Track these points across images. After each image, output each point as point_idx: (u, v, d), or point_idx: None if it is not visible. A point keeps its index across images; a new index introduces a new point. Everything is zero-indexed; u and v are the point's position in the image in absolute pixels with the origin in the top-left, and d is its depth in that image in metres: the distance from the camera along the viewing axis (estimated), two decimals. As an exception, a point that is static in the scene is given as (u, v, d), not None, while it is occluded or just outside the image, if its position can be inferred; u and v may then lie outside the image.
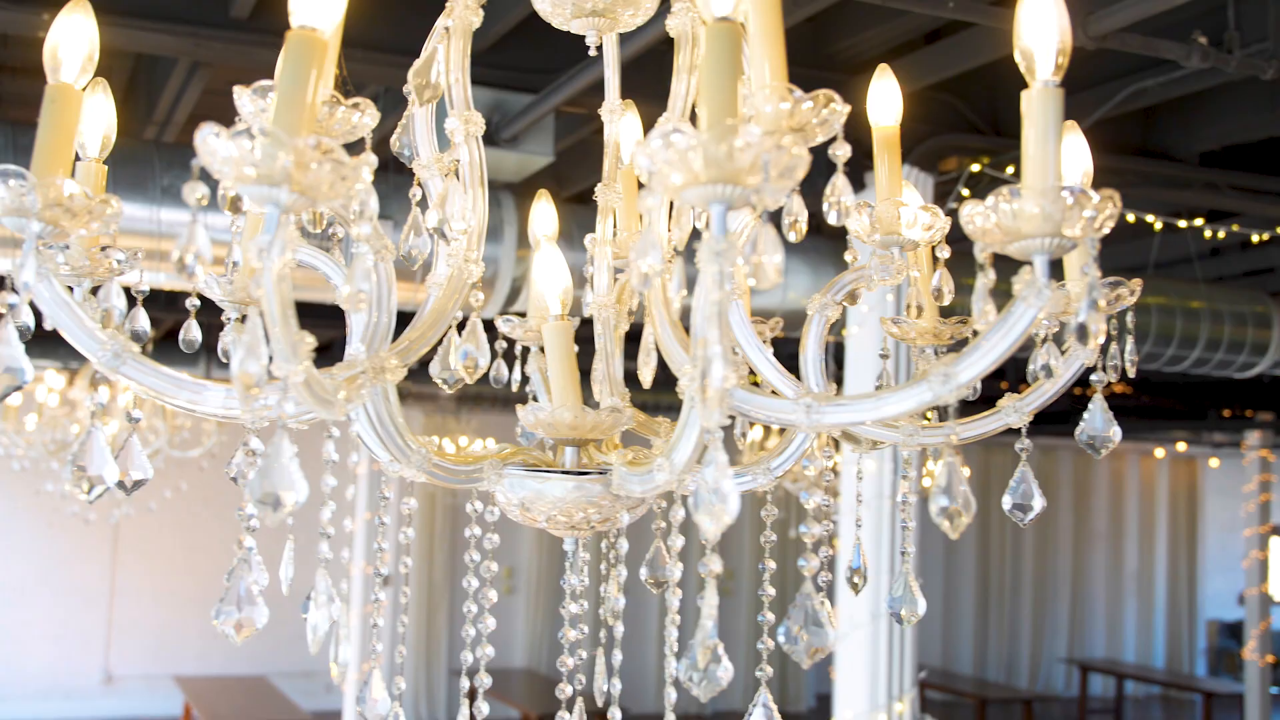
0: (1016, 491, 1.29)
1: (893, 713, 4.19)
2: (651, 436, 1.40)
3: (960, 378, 0.96)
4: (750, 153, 0.77)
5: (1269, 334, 5.46)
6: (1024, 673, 16.12)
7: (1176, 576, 17.10)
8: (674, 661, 1.04)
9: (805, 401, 1.01)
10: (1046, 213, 0.93)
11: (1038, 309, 0.94)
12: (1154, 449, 16.33)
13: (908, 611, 1.29)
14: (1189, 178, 4.72)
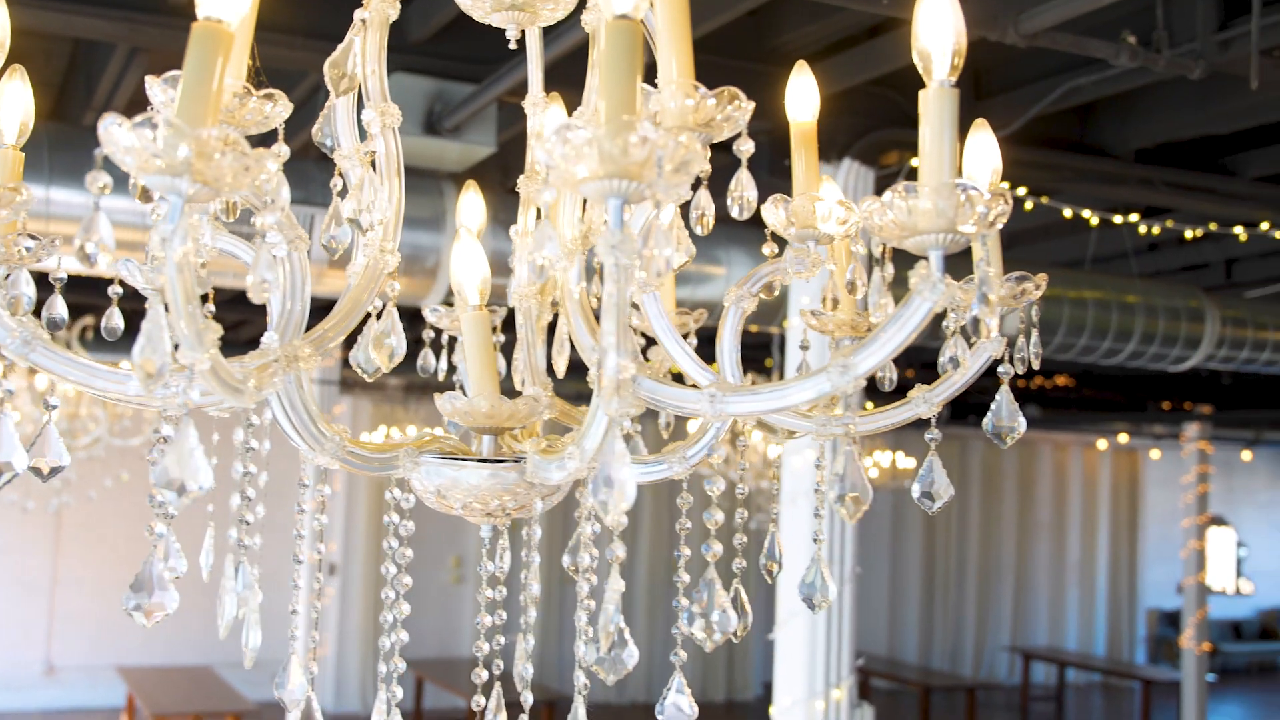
0: (925, 480, 1.33)
1: (830, 699, 4.24)
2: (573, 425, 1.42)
3: (858, 369, 0.99)
4: (645, 148, 0.79)
5: (1202, 328, 5.56)
6: (968, 661, 16.33)
7: (1118, 566, 17.39)
8: (583, 646, 1.07)
9: (710, 392, 1.03)
10: (940, 209, 0.96)
11: (933, 302, 0.97)
12: (1096, 441, 16.57)
13: (819, 598, 1.32)
14: (1124, 174, 4.80)
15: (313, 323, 1.13)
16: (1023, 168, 4.72)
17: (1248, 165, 4.95)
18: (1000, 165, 1.34)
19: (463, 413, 1.24)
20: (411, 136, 4.07)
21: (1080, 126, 4.78)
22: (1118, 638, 17.35)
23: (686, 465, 1.33)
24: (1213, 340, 5.60)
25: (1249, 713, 15.85)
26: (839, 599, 4.26)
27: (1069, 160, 4.72)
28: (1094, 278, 5.47)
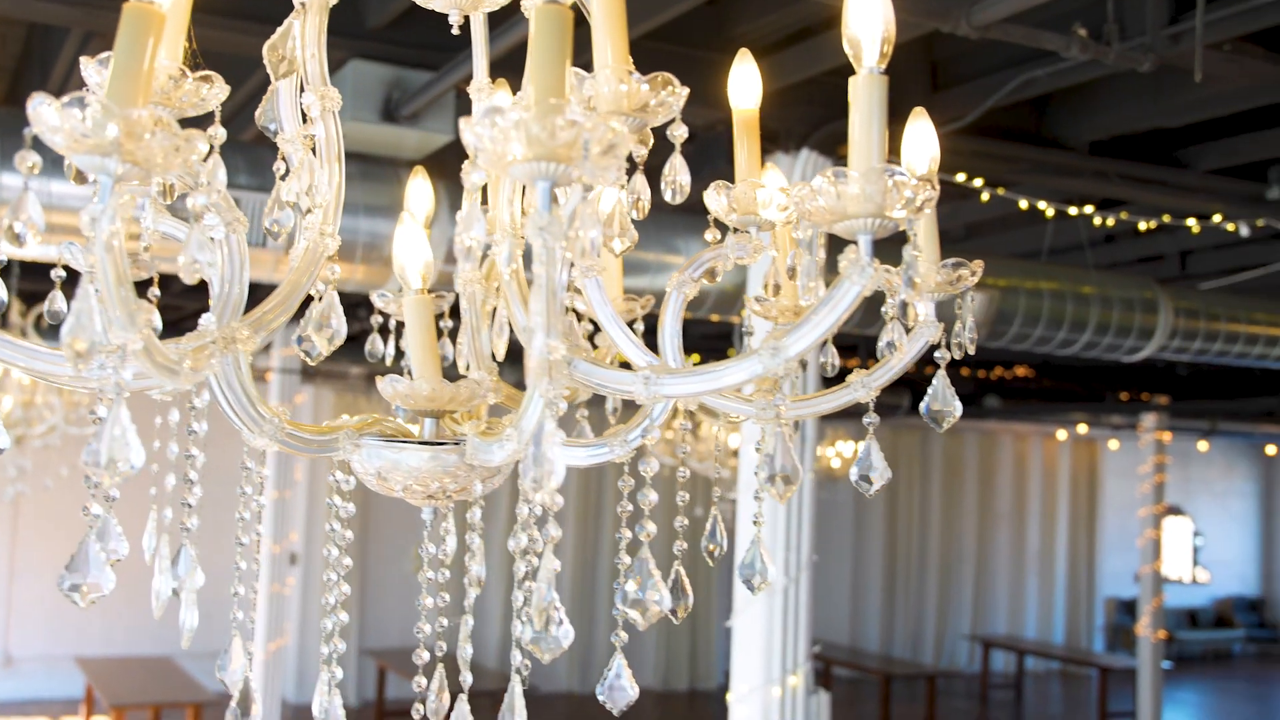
0: (862, 463, 1.35)
1: (787, 686, 4.28)
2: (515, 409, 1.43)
3: (789, 351, 1.00)
4: (572, 131, 0.80)
5: (1155, 319, 5.63)
6: (929, 649, 16.47)
7: (1076, 555, 17.58)
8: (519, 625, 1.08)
9: (644, 374, 1.04)
10: (868, 194, 0.97)
11: (861, 286, 0.99)
12: (1056, 431, 16.73)
13: (758, 579, 1.34)
14: (1079, 166, 4.85)
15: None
16: (980, 159, 4.76)
17: (1200, 158, 5.01)
18: (938, 153, 1.35)
19: (404, 395, 1.25)
20: (369, 124, 4.06)
21: (1036, 119, 4.82)
22: (1076, 626, 17.55)
23: (627, 448, 1.34)
24: (1166, 331, 5.67)
25: (1204, 700, 16.07)
26: (795, 586, 4.29)
27: (1025, 152, 4.76)
28: (1050, 269, 5.53)
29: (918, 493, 16.50)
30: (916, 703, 13.65)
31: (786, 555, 4.30)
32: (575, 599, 14.33)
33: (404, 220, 1.31)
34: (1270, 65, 3.85)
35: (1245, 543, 20.17)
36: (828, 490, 14.33)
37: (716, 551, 1.46)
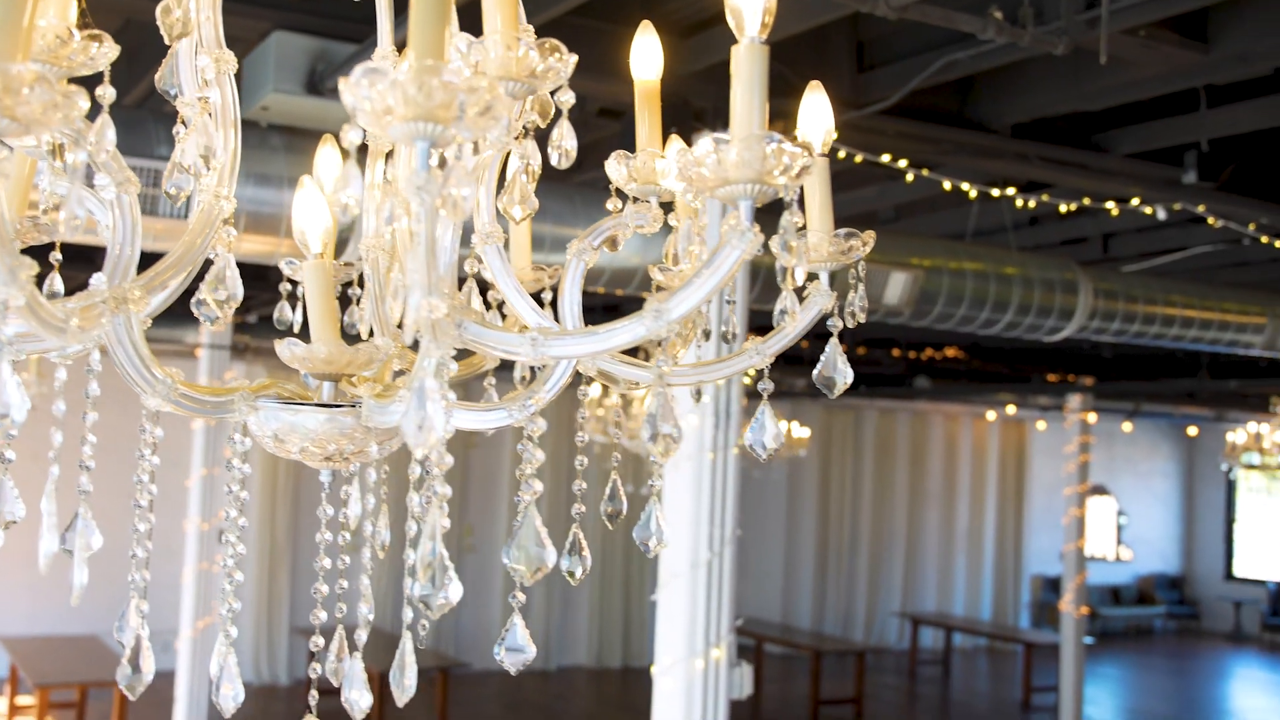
0: (756, 429, 1.38)
1: (709, 659, 4.33)
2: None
3: (671, 314, 1.03)
4: (447, 92, 0.82)
5: (1075, 300, 5.75)
6: (859, 626, 16.70)
7: (1004, 534, 17.89)
8: (409, 582, 1.10)
9: (531, 335, 1.06)
10: (748, 160, 1.00)
11: (741, 250, 1.02)
12: (985, 412, 16.99)
13: (654, 541, 1.37)
14: (1002, 148, 4.93)
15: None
16: (905, 140, 4.82)
17: (1119, 142, 5.11)
18: (833, 125, 1.39)
19: (302, 359, 1.26)
20: (294, 96, 4.03)
21: (960, 101, 4.89)
22: (1003, 603, 17.88)
23: (527, 411, 1.36)
24: (1086, 312, 5.79)
25: (1125, 674, 16.46)
26: (719, 560, 4.34)
27: (949, 134, 4.83)
28: (974, 250, 5.62)
29: (849, 472, 16.69)
30: (846, 678, 13.84)
31: (711, 530, 4.34)
32: (507, 578, 14.32)
33: (304, 185, 1.32)
34: (1184, 51, 3.94)
35: (1167, 521, 20.65)
36: (761, 469, 14.46)
37: (615, 514, 1.48)
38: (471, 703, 12.44)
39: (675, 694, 4.35)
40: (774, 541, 16.50)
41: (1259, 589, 19.77)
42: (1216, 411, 14.65)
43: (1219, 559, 20.54)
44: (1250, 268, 7.90)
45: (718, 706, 4.34)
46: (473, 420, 1.31)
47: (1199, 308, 6.21)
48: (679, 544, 4.41)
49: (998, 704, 14.12)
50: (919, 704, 13.96)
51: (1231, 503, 20.49)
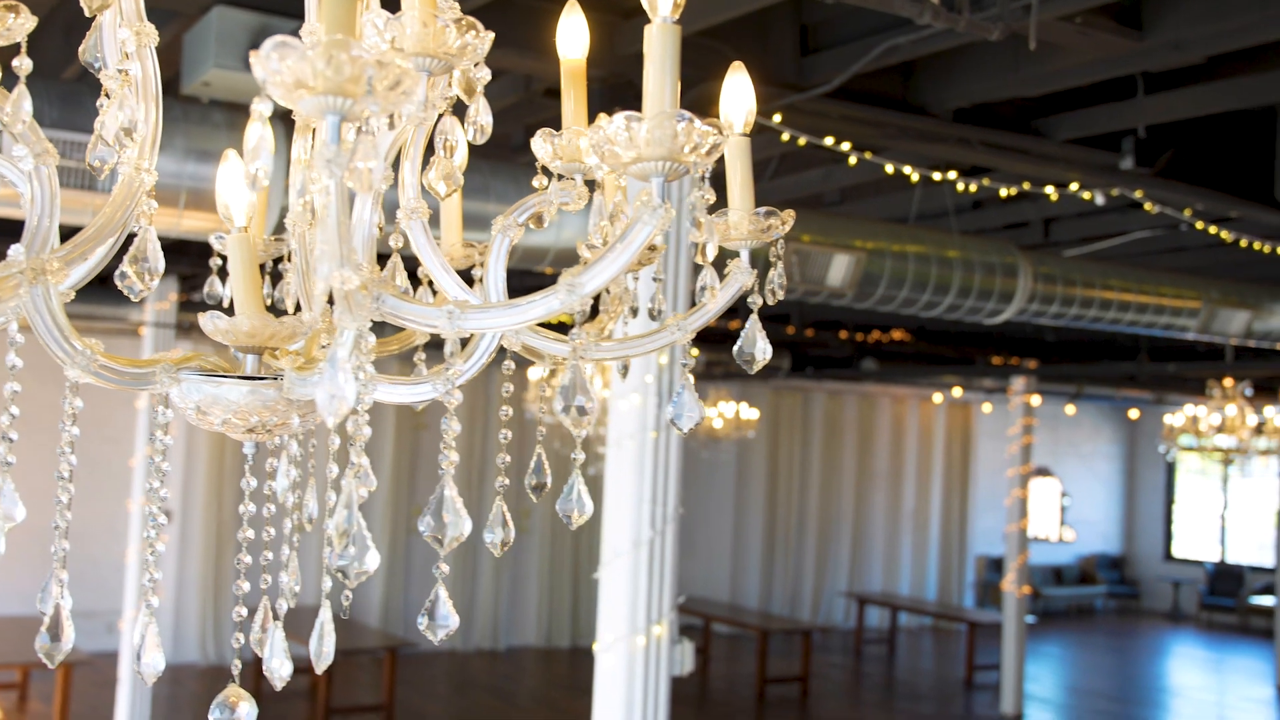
0: (677, 404, 1.40)
1: (651, 635, 4.37)
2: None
3: (585, 288, 1.05)
4: (355, 66, 0.84)
5: (1015, 283, 5.83)
6: (806, 606, 16.86)
7: (949, 515, 18.11)
8: (328, 551, 1.12)
9: (448, 309, 1.08)
10: (659, 138, 1.03)
11: (653, 226, 1.04)
12: (932, 395, 17.17)
13: (577, 513, 1.39)
14: (943, 133, 4.99)
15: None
16: (849, 123, 4.87)
17: (1057, 128, 5.19)
18: (754, 106, 1.41)
19: (224, 331, 1.27)
20: (235, 72, 4.00)
21: (903, 85, 4.94)
22: (948, 583, 18.11)
23: (450, 385, 1.38)
24: (1025, 295, 5.87)
25: (1066, 652, 16.73)
26: (661, 539, 4.38)
27: (892, 118, 4.88)
28: (916, 233, 5.68)
29: (798, 453, 16.81)
30: (793, 657, 13.98)
31: (653, 509, 4.38)
32: (458, 557, 14.33)
33: (227, 158, 1.33)
34: (1119, 38, 4.01)
35: (1109, 503, 20.99)
36: (710, 450, 14.53)
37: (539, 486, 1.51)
38: (419, 683, 12.44)
39: (617, 671, 4.39)
40: (722, 522, 16.61)
41: (1197, 569, 20.17)
42: (1157, 395, 14.90)
43: (1158, 540, 20.92)
44: (1188, 253, 8.04)
45: (659, 683, 4.39)
46: (397, 394, 1.33)
47: (1136, 291, 6.32)
48: (621, 522, 4.44)
49: (941, 682, 14.32)
50: (864, 682, 14.13)
51: (1171, 485, 20.86)
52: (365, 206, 1.15)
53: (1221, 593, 19.54)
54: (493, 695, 12.23)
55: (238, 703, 1.27)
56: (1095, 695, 13.88)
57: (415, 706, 11.37)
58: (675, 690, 12.81)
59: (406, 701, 11.40)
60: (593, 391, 1.10)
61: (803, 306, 11.10)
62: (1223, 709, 13.71)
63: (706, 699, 12.80)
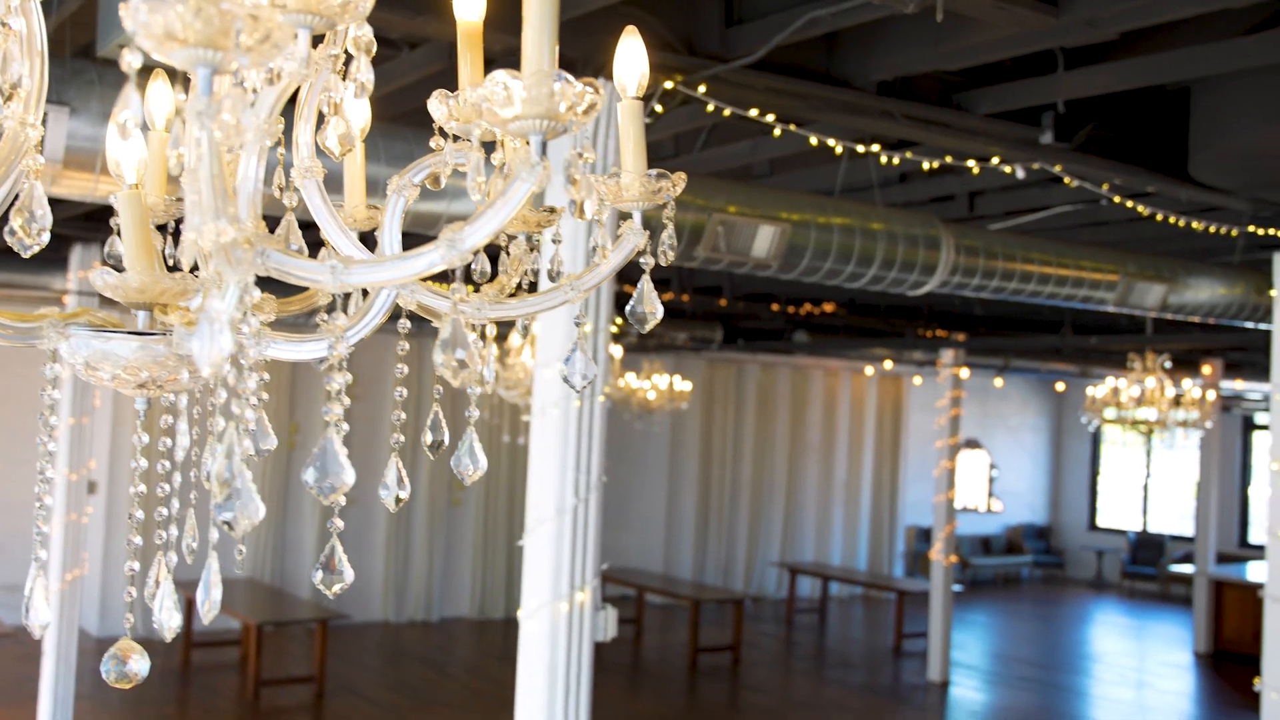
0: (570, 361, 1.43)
1: (574, 602, 4.40)
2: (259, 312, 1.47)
3: (465, 244, 1.07)
4: (224, 19, 0.85)
5: (937, 255, 5.92)
6: (739, 576, 17.02)
7: (880, 486, 18.35)
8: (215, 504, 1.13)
9: (331, 264, 1.10)
10: (537, 96, 1.05)
11: (531, 183, 1.06)
12: (864, 368, 17.36)
13: (471, 470, 1.41)
14: (867, 105, 5.04)
15: None
16: (774, 95, 4.90)
17: (978, 103, 5.27)
18: (647, 70, 1.44)
19: (114, 287, 1.27)
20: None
21: (827, 58, 4.99)
22: (879, 553, 18.37)
23: (346, 344, 1.40)
24: (948, 267, 5.97)
25: (992, 620, 17.06)
26: (584, 506, 4.41)
27: (816, 90, 4.92)
28: (841, 205, 5.74)
29: (731, 425, 16.94)
30: (725, 627, 14.12)
31: (577, 476, 4.41)
32: (390, 528, 14.29)
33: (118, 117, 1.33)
34: (1035, 14, 4.08)
35: (1035, 474, 21.38)
36: (643, 422, 14.59)
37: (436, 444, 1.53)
38: (351, 654, 12.42)
39: (541, 637, 4.43)
40: (656, 494, 16.70)
41: (1120, 538, 20.63)
42: (1081, 368, 15.19)
43: (1083, 510, 21.37)
44: (1109, 227, 8.20)
45: (582, 649, 4.43)
46: (291, 351, 1.34)
47: (1055, 265, 6.44)
48: (546, 490, 4.47)
49: (871, 650, 14.55)
50: (795, 651, 14.32)
51: (1096, 457, 21.30)
52: (250, 163, 1.16)
53: (1143, 561, 20.02)
54: (425, 665, 12.24)
55: (129, 655, 1.28)
56: (1020, 662, 14.18)
57: (346, 677, 11.36)
58: (608, 660, 12.91)
59: (338, 672, 11.38)
60: (475, 346, 1.12)
61: (734, 279, 11.17)
62: (1143, 674, 14.08)
63: (639, 668, 12.92)
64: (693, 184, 5.30)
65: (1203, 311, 7.40)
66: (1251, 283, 7.50)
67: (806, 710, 11.27)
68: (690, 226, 5.15)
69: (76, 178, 4.09)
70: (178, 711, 10.11)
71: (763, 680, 12.52)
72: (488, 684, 11.44)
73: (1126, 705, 12.41)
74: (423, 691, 11.11)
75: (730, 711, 11.39)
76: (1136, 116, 5.90)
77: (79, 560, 9.06)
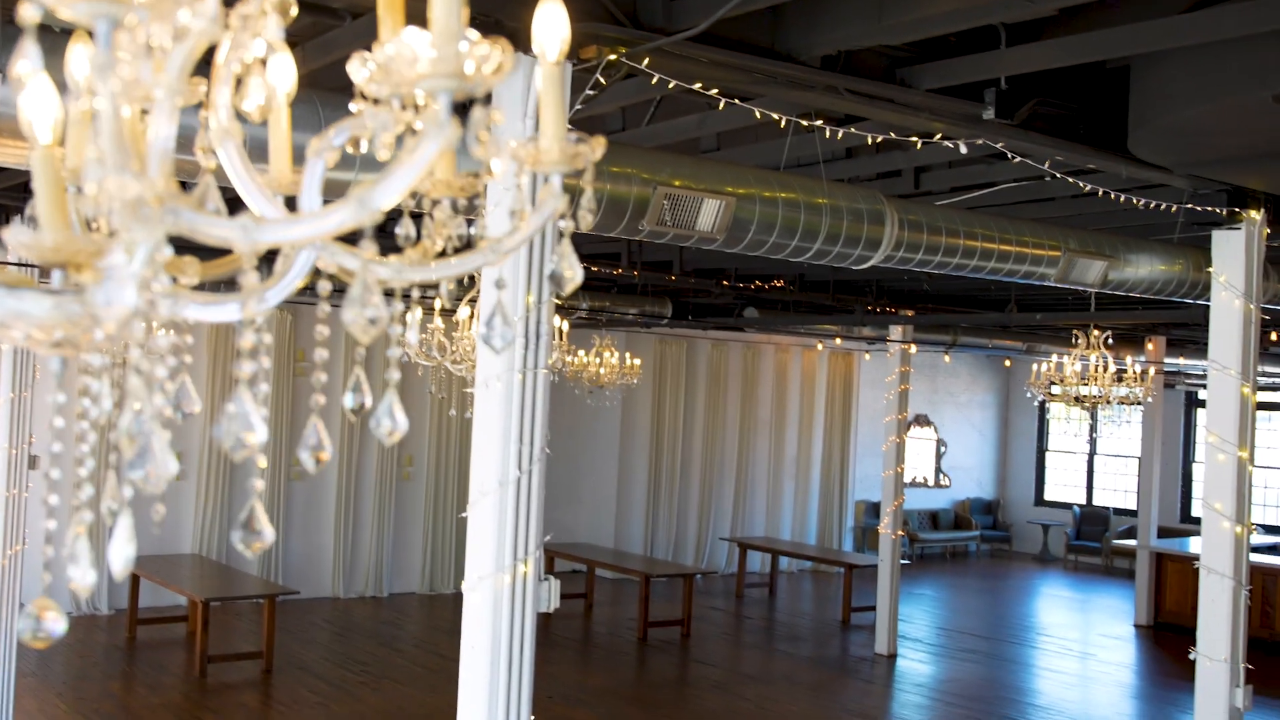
0: (489, 321, 1.44)
1: (517, 573, 4.43)
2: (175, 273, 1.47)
3: (374, 202, 1.08)
4: (121, -27, 0.85)
5: (881, 230, 5.97)
6: (690, 551, 17.12)
7: (830, 461, 18.50)
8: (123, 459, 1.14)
9: (242, 221, 1.11)
10: (444, 56, 1.06)
11: (439, 142, 1.08)
12: (815, 344, 17.47)
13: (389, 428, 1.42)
14: (811, 80, 5.07)
15: None
16: (718, 68, 4.91)
17: (923, 77, 5.30)
18: (569, 34, 1.45)
19: (28, 246, 1.27)
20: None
21: (771, 32, 5.00)
22: (828, 528, 18.54)
23: (264, 305, 1.40)
24: (891, 242, 6.02)
25: (940, 594, 17.28)
26: (527, 478, 4.42)
27: (761, 64, 4.94)
28: (785, 179, 5.77)
29: (682, 401, 17.00)
30: (675, 602, 14.21)
31: (520, 449, 4.42)
32: (340, 505, 14.24)
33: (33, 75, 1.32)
34: (976, -11, 4.11)
35: (984, 450, 21.64)
36: (595, 398, 14.61)
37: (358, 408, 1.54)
38: (301, 630, 12.39)
39: (484, 608, 4.45)
40: (607, 469, 16.75)
41: (1065, 513, 20.94)
42: (1029, 345, 15.37)
43: (1030, 485, 21.66)
44: (1054, 204, 8.30)
45: (525, 619, 4.45)
46: (206, 312, 1.35)
47: (998, 240, 6.51)
48: (489, 462, 4.47)
49: (820, 623, 14.70)
50: (744, 625, 14.44)
51: (1043, 432, 21.58)
52: (161, 123, 1.16)
53: (1088, 536, 20.33)
54: (374, 640, 12.23)
55: (44, 613, 1.28)
56: (965, 634, 14.38)
57: (295, 653, 11.33)
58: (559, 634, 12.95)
59: (286, 648, 11.35)
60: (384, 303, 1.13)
61: (684, 254, 11.19)
62: (1085, 646, 14.32)
63: (590, 643, 12.98)
64: (638, 157, 5.31)
65: (1142, 288, 7.52)
66: (1191, 260, 7.62)
67: (755, 683, 11.38)
68: (635, 199, 5.15)
69: (9, 145, 4.04)
70: (123, 688, 10.05)
71: (712, 654, 12.62)
72: (437, 658, 11.45)
73: (1069, 676, 12.63)
74: (371, 667, 11.10)
75: (680, 685, 11.48)
76: (1078, 93, 5.97)
77: (20, 536, 8.97)
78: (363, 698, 9.99)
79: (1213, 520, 6.84)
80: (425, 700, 9.82)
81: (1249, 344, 6.73)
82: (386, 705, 9.79)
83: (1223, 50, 4.97)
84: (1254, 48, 4.89)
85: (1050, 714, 10.90)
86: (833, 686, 11.49)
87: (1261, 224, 6.83)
